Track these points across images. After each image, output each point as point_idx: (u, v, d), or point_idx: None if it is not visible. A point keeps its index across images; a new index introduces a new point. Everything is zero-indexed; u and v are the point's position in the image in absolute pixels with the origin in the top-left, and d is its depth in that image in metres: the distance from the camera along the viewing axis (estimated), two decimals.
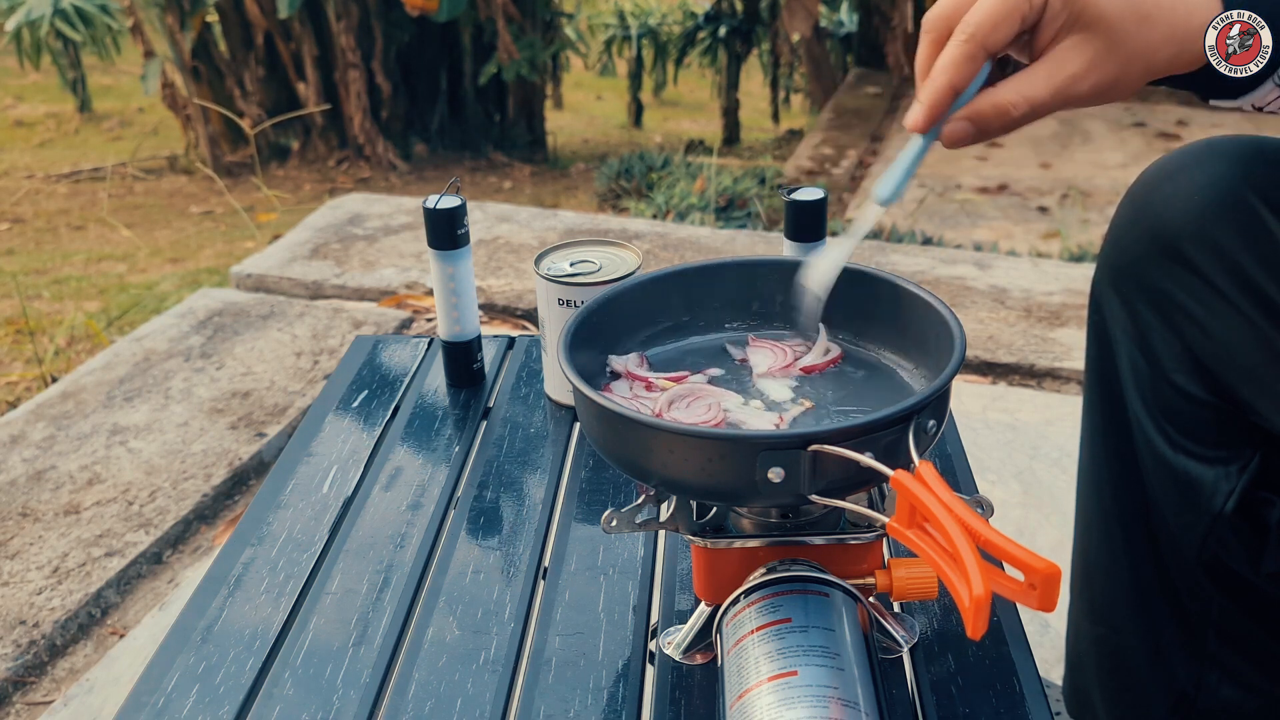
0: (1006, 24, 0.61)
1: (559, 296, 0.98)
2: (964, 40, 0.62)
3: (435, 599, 0.81)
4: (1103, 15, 0.62)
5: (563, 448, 0.99)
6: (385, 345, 1.18)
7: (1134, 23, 0.63)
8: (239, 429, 1.70)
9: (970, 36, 0.62)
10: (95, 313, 2.92)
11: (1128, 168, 3.87)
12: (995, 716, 0.69)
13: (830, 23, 6.69)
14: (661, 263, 2.22)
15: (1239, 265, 0.78)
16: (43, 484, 1.57)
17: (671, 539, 0.86)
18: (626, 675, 0.73)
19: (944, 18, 0.64)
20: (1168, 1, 0.64)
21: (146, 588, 1.42)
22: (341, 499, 0.93)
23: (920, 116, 0.64)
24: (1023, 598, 0.51)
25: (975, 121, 0.64)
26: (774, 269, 0.83)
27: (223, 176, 4.76)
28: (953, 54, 0.62)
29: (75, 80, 6.35)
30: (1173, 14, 0.64)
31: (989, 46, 0.62)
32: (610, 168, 4.09)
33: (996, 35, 0.62)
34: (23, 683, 1.27)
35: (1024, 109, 0.64)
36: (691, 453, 0.64)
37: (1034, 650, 0.75)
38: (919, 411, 0.63)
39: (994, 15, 0.61)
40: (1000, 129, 0.65)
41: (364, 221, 2.54)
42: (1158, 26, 0.63)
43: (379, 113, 5.13)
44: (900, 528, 0.57)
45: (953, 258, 2.31)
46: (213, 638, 0.78)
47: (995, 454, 1.60)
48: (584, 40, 7.09)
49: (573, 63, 7.60)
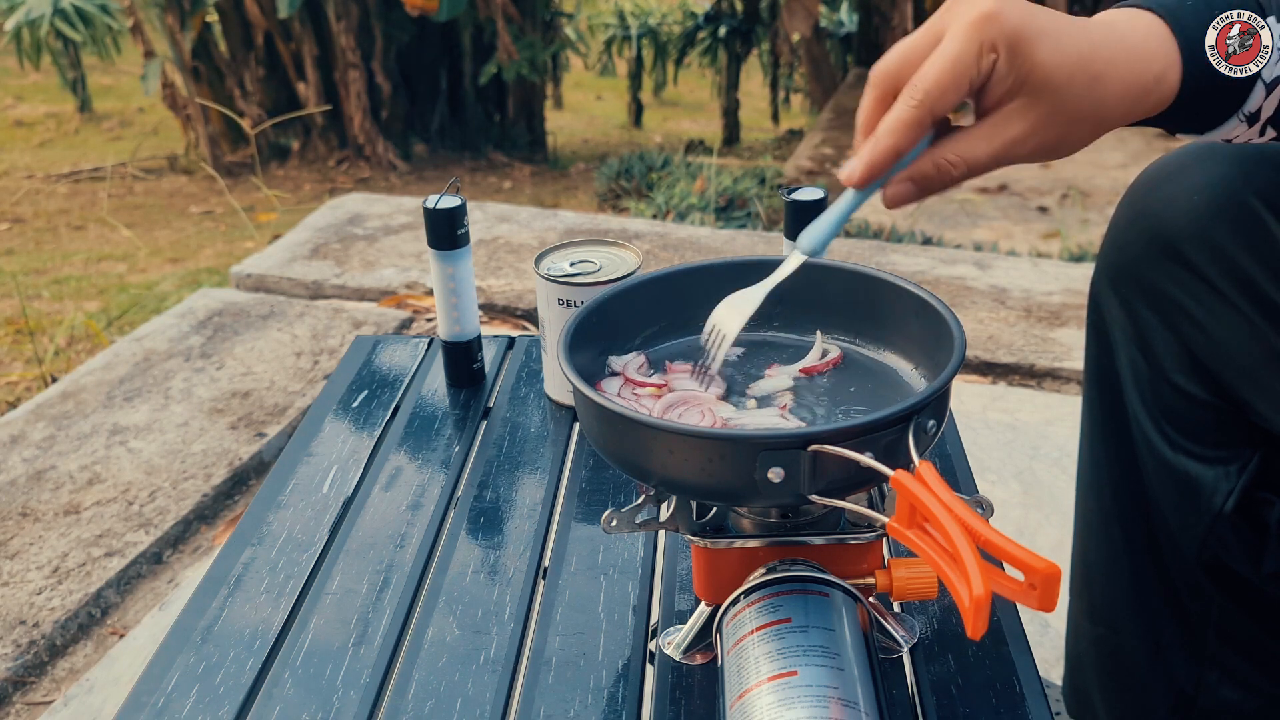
0: (956, 90, 0.60)
1: (559, 296, 0.98)
2: (914, 105, 0.60)
3: (435, 599, 0.81)
4: (1048, 79, 0.60)
5: (563, 448, 0.99)
6: (385, 345, 1.18)
7: (1083, 85, 0.61)
8: (239, 429, 1.70)
9: (920, 102, 0.60)
10: (95, 313, 2.92)
11: (1127, 168, 3.87)
12: (995, 716, 0.69)
13: (830, 23, 6.69)
14: (661, 263, 2.22)
15: (1238, 265, 0.78)
16: (43, 484, 1.57)
17: (671, 539, 0.86)
18: (626, 675, 0.73)
19: (891, 74, 0.63)
20: (1121, 57, 0.62)
21: (146, 588, 1.42)
22: (341, 499, 0.93)
23: (859, 174, 0.63)
24: (1023, 598, 0.51)
25: (917, 183, 0.63)
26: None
27: (223, 176, 4.76)
28: (901, 117, 0.61)
29: (75, 80, 6.35)
30: (1127, 70, 0.62)
31: (936, 113, 0.61)
32: (610, 168, 4.09)
33: (944, 102, 0.60)
34: (23, 683, 1.27)
35: (963, 169, 0.63)
36: (692, 453, 0.64)
37: (1034, 650, 0.75)
38: (919, 411, 0.63)
39: (944, 81, 0.60)
40: (940, 188, 0.64)
41: (364, 221, 2.54)
42: (1110, 85, 0.62)
43: (379, 113, 5.13)
44: (900, 528, 0.57)
45: (953, 258, 2.31)
46: (213, 638, 0.78)
47: (995, 454, 1.60)
48: (584, 40, 7.10)
49: (573, 63, 7.60)
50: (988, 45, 0.59)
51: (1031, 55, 0.60)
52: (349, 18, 4.87)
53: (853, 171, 0.63)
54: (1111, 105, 0.62)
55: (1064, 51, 0.60)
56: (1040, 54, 0.60)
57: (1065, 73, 0.61)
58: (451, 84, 5.43)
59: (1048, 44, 0.60)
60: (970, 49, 0.59)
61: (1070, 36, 0.61)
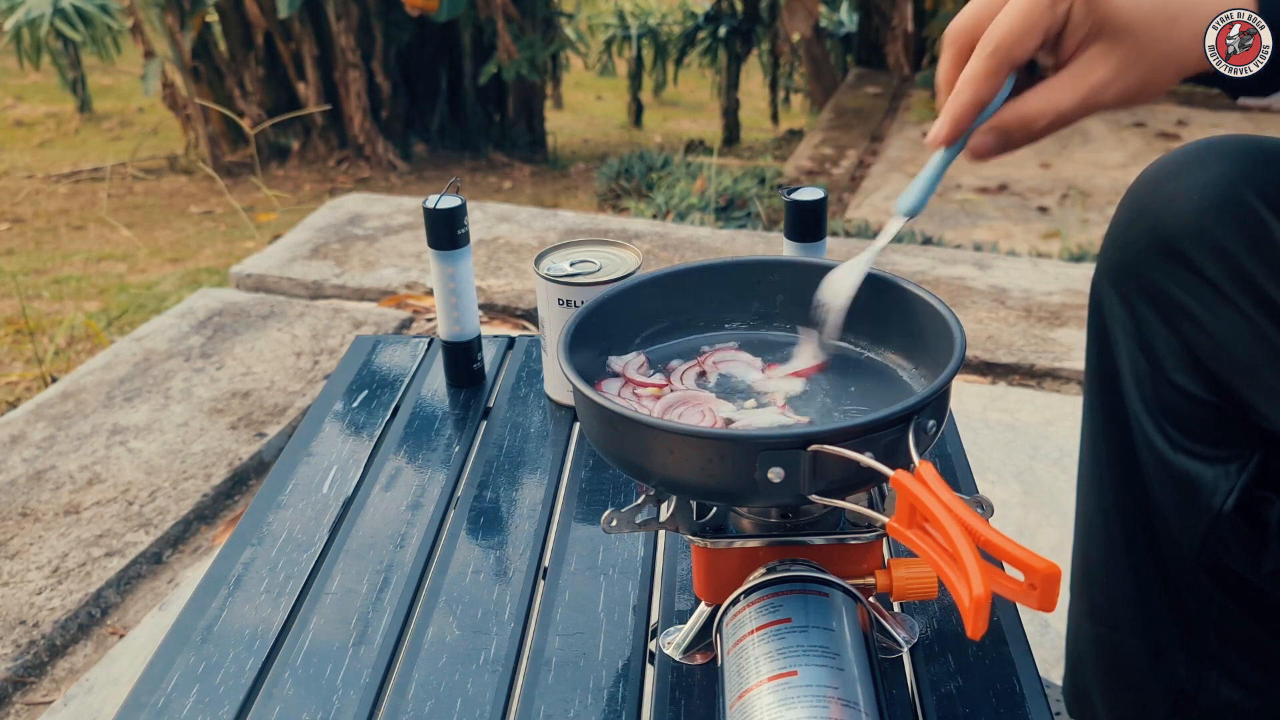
0: (1030, 37, 0.60)
1: (559, 296, 0.98)
2: (988, 55, 0.61)
3: (435, 599, 0.81)
4: (1128, 22, 0.61)
5: (563, 448, 0.99)
6: (385, 345, 1.18)
7: (1161, 25, 0.61)
8: (239, 429, 1.70)
9: (993, 51, 0.60)
10: (95, 313, 2.92)
11: (1128, 168, 3.87)
12: (995, 716, 0.69)
13: (830, 23, 6.69)
14: (661, 263, 2.22)
15: (1239, 265, 0.78)
16: (43, 484, 1.57)
17: (671, 539, 0.86)
18: (626, 675, 0.73)
19: (966, 30, 0.63)
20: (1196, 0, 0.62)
21: (146, 588, 1.42)
22: (341, 499, 0.93)
23: (945, 131, 0.63)
24: (1023, 598, 0.51)
25: (1001, 134, 0.64)
26: (774, 268, 0.83)
27: (223, 176, 4.76)
28: (977, 69, 0.61)
29: (75, 80, 6.36)
30: (1204, 11, 0.62)
31: (1013, 60, 0.61)
32: (610, 168, 4.09)
33: (1020, 49, 0.61)
34: (23, 683, 1.27)
35: (1049, 119, 0.63)
36: (692, 453, 0.64)
37: (1034, 650, 0.75)
38: (919, 411, 0.63)
39: (1017, 29, 0.60)
40: (1025, 140, 0.64)
41: (364, 221, 2.54)
42: (1187, 26, 0.62)
43: (379, 113, 5.13)
44: (900, 528, 0.57)
45: (953, 258, 2.31)
46: (213, 638, 0.78)
47: (995, 454, 1.60)
48: (584, 40, 7.10)
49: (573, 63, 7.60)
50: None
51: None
52: (349, 18, 4.87)
53: (938, 130, 0.63)
54: (1188, 47, 0.62)
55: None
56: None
57: (1142, 14, 0.61)
58: (451, 84, 5.44)
59: None
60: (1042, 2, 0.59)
61: None
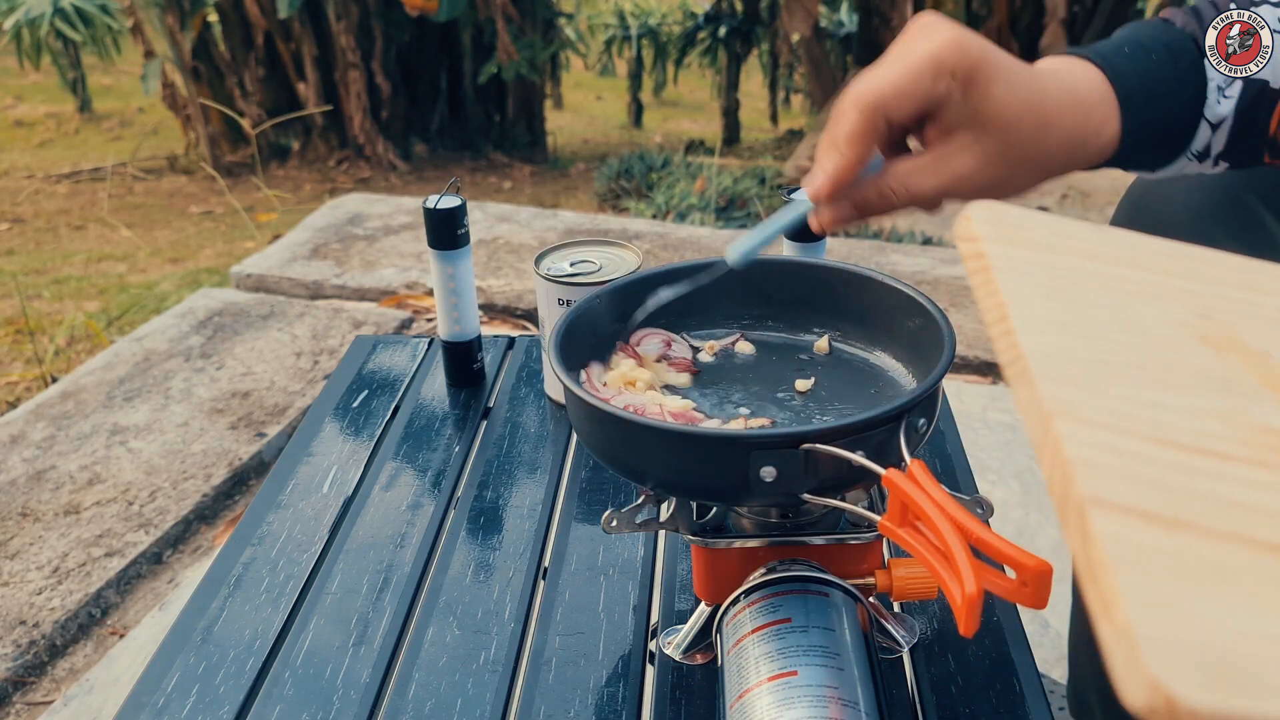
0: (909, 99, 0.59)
1: (559, 296, 0.98)
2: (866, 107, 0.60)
3: (435, 599, 0.81)
4: (1000, 116, 0.60)
5: (563, 448, 0.99)
6: (385, 345, 1.18)
7: (1032, 129, 0.61)
8: (239, 429, 1.70)
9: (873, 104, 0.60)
10: (95, 313, 2.92)
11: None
12: (995, 716, 0.69)
13: (830, 23, 6.69)
14: (661, 263, 2.22)
15: None
16: (43, 484, 1.57)
17: (671, 539, 0.86)
18: (626, 675, 0.73)
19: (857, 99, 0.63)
20: (1067, 106, 0.62)
21: (146, 588, 1.42)
22: (341, 499, 0.93)
23: (825, 187, 0.62)
24: (1015, 596, 0.51)
25: (858, 206, 0.63)
26: (771, 268, 0.83)
27: (223, 176, 4.76)
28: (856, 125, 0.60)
29: (75, 80, 6.36)
30: (1072, 119, 0.62)
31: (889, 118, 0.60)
32: (610, 168, 4.09)
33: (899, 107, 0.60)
34: (23, 683, 1.27)
35: (905, 197, 0.63)
36: (683, 452, 0.64)
37: (1034, 650, 0.75)
38: (910, 410, 0.63)
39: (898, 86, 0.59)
40: (880, 212, 0.64)
41: (364, 221, 2.54)
42: (1055, 132, 0.61)
43: (379, 113, 5.13)
44: (892, 526, 0.57)
45: (953, 258, 2.31)
46: (213, 638, 0.78)
47: (995, 454, 1.60)
48: (584, 40, 7.10)
49: (573, 63, 7.60)
50: (946, 69, 0.59)
51: (987, 89, 0.59)
52: (349, 18, 4.87)
53: (818, 187, 0.62)
54: (1054, 152, 0.62)
55: (1017, 93, 0.60)
56: (996, 90, 0.59)
57: (1015, 113, 0.60)
58: (451, 84, 5.44)
59: (1003, 82, 0.60)
60: (926, 67, 0.59)
61: (1023, 79, 0.61)
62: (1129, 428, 0.37)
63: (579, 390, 0.67)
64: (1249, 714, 0.26)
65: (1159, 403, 0.38)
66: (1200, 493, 0.34)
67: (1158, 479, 0.34)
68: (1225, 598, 0.30)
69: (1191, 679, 0.27)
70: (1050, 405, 0.37)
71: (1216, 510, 0.33)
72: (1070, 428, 0.36)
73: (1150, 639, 0.28)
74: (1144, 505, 0.33)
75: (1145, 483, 0.34)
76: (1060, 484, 0.34)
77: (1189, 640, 0.28)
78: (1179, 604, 0.29)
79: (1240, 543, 0.32)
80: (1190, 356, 0.42)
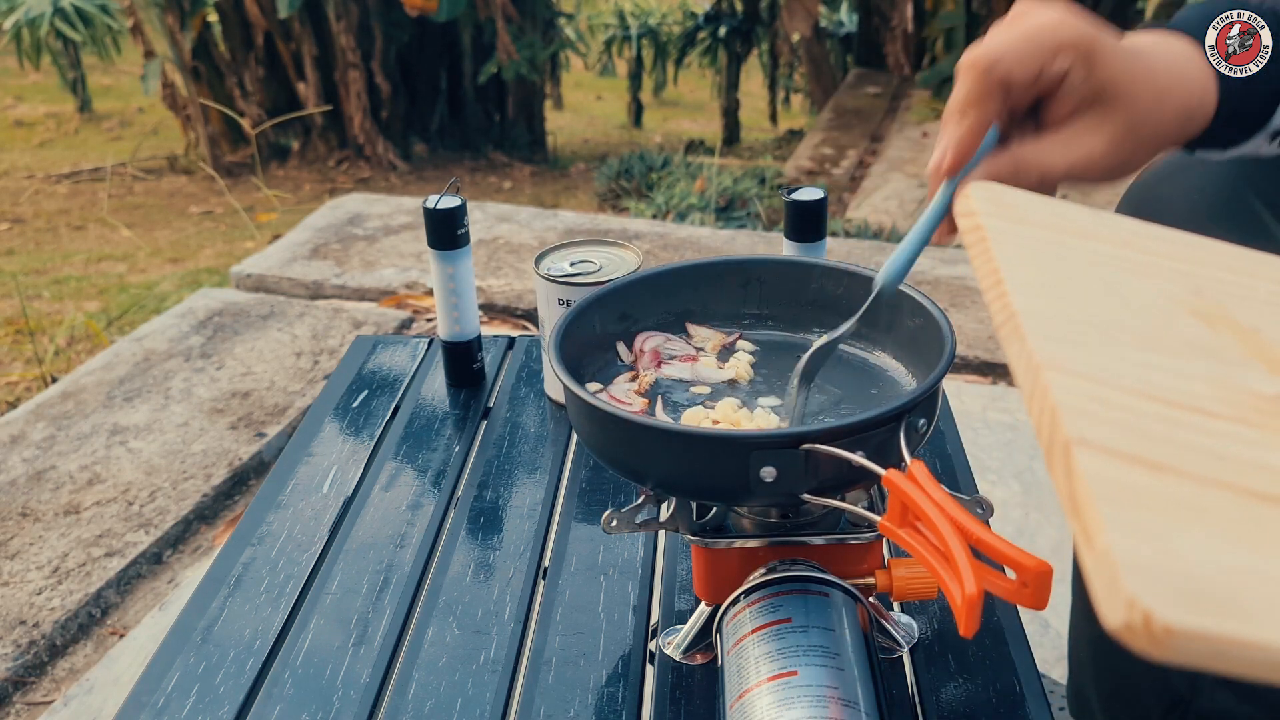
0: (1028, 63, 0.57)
1: (559, 296, 0.98)
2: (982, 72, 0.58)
3: (435, 599, 0.81)
4: (1125, 93, 0.58)
5: (563, 448, 0.99)
6: (385, 345, 1.18)
7: (1151, 103, 0.59)
8: (239, 429, 1.70)
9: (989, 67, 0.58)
10: (95, 313, 2.92)
11: None
12: (995, 716, 0.69)
13: (830, 23, 6.69)
14: (661, 263, 2.22)
15: None
16: (43, 484, 1.57)
17: (671, 539, 0.86)
18: (626, 675, 0.73)
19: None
20: (1176, 79, 0.61)
21: (146, 588, 1.42)
22: (341, 499, 0.93)
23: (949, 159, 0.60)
24: (1015, 596, 0.51)
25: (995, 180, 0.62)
26: (771, 268, 0.83)
27: (223, 176, 4.76)
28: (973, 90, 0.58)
29: (75, 80, 6.36)
30: (1182, 90, 0.61)
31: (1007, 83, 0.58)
32: (610, 168, 4.09)
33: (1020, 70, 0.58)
34: (23, 683, 1.27)
35: (1036, 176, 0.60)
36: (683, 452, 0.64)
37: (1034, 650, 0.75)
38: (910, 411, 0.63)
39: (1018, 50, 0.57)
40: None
41: (364, 221, 2.54)
42: (1169, 105, 0.60)
43: (379, 113, 5.13)
44: (892, 526, 0.57)
45: (953, 257, 2.31)
46: (213, 638, 0.78)
47: (995, 454, 1.60)
48: (584, 40, 7.10)
49: (573, 63, 7.60)
50: (1067, 44, 0.57)
51: (1109, 66, 0.58)
52: (349, 18, 4.87)
53: (940, 160, 0.60)
54: (1169, 127, 0.61)
55: (1134, 67, 0.59)
56: (1116, 66, 0.58)
57: (1136, 89, 0.59)
58: (451, 84, 5.44)
59: (1120, 58, 0.58)
60: (1046, 38, 0.57)
61: (1133, 54, 0.59)
62: (1116, 381, 0.37)
63: (579, 390, 0.67)
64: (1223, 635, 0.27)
65: (1147, 363, 0.39)
66: (1184, 442, 0.34)
67: (1143, 428, 0.35)
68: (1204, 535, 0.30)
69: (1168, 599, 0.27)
70: (1040, 357, 0.37)
71: (1199, 458, 0.34)
72: (1059, 377, 0.36)
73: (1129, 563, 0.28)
74: (1128, 449, 0.33)
75: (1131, 430, 0.34)
76: (1048, 428, 0.34)
77: (1167, 567, 0.28)
78: (1159, 536, 0.29)
79: (1221, 487, 0.32)
80: (1181, 328, 0.42)
